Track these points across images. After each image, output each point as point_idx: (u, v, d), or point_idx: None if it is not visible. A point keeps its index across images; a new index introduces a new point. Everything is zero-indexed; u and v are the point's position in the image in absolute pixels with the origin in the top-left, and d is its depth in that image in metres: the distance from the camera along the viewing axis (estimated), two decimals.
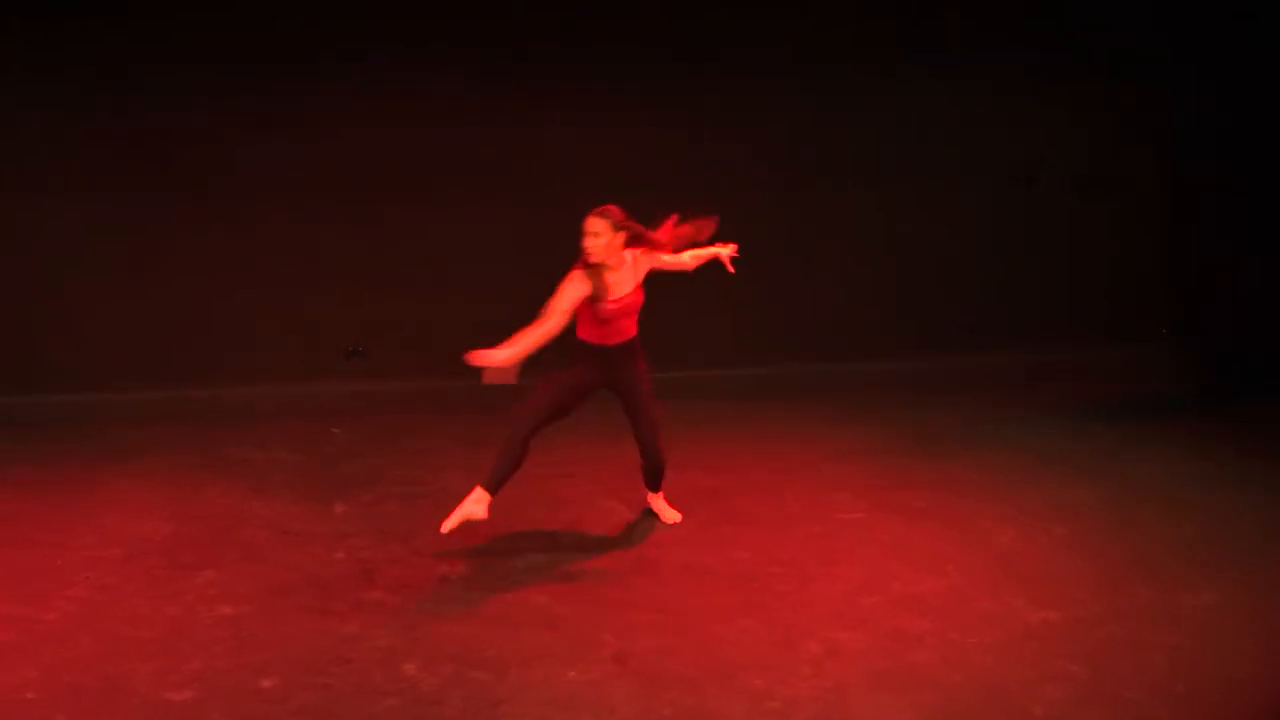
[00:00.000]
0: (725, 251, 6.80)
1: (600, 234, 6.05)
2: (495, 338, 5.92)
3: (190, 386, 10.41)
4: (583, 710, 4.44)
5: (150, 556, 6.45)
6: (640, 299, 6.37)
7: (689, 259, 6.71)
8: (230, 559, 6.37)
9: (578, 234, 6.22)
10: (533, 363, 5.93)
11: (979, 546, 6.36)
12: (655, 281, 6.60)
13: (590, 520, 7.01)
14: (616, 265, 6.17)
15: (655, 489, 6.97)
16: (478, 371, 5.78)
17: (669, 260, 6.55)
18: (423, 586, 5.91)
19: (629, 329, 6.39)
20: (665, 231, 6.34)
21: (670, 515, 6.93)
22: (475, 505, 6.16)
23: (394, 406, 9.65)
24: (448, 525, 6.19)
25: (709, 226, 6.53)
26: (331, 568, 6.23)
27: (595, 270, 6.11)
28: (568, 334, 6.27)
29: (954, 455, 8.30)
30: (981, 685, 4.63)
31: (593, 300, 6.11)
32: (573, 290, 6.04)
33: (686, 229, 6.43)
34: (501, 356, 5.72)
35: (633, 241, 6.21)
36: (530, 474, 7.94)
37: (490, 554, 6.34)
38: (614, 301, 6.18)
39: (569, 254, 6.53)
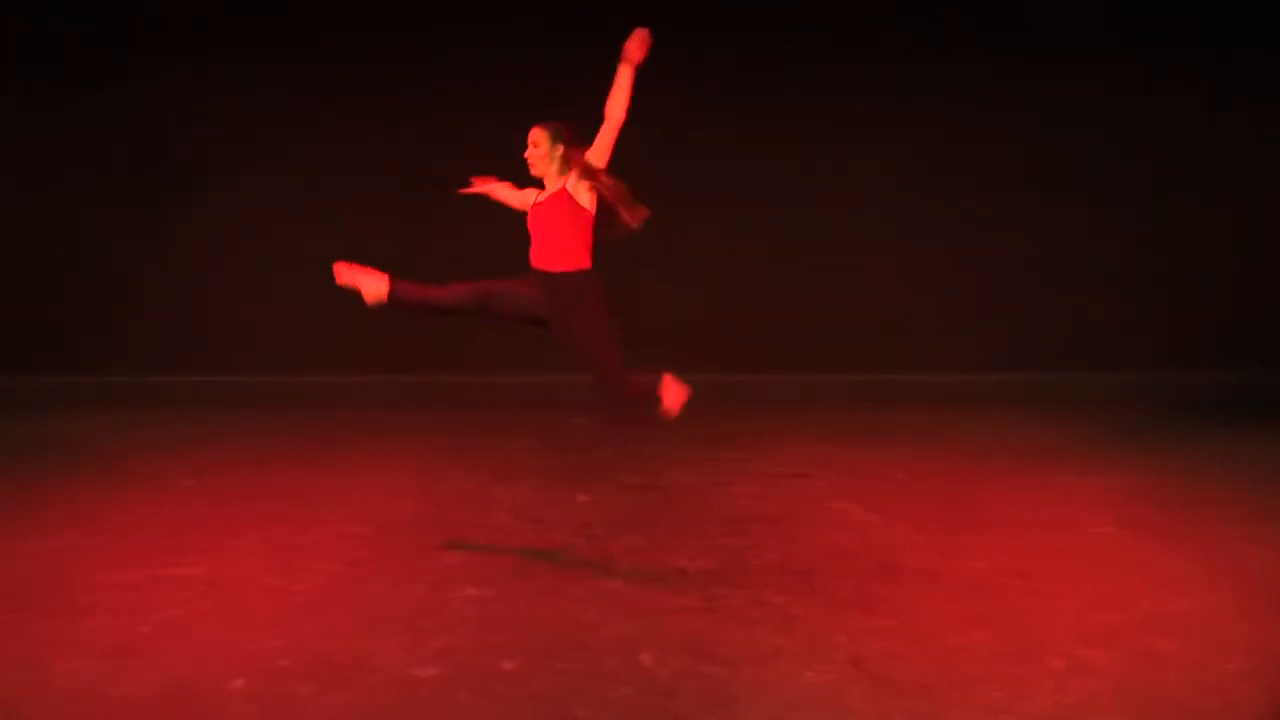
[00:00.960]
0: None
1: (539, 145, 6.13)
2: (740, 336, 6.00)
3: (437, 373, 10.81)
4: (817, 712, 4.42)
5: (397, 535, 6.71)
6: (558, 214, 6.09)
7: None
8: (474, 542, 6.58)
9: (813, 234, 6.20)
10: None
11: (1231, 568, 6.09)
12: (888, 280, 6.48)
13: (826, 521, 6.98)
14: (551, 180, 6.21)
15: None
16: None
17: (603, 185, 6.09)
18: (660, 579, 5.97)
19: (554, 258, 6.09)
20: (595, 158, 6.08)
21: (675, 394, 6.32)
22: (372, 282, 6.05)
23: None
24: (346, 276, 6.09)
25: (635, 212, 6.04)
26: (572, 555, 6.37)
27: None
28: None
29: (1201, 471, 7.99)
30: (1234, 711, 4.44)
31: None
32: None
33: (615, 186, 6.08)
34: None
35: (568, 161, 6.10)
36: (765, 473, 8.00)
37: (727, 551, 6.38)
38: (536, 202, 6.20)
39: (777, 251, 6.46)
